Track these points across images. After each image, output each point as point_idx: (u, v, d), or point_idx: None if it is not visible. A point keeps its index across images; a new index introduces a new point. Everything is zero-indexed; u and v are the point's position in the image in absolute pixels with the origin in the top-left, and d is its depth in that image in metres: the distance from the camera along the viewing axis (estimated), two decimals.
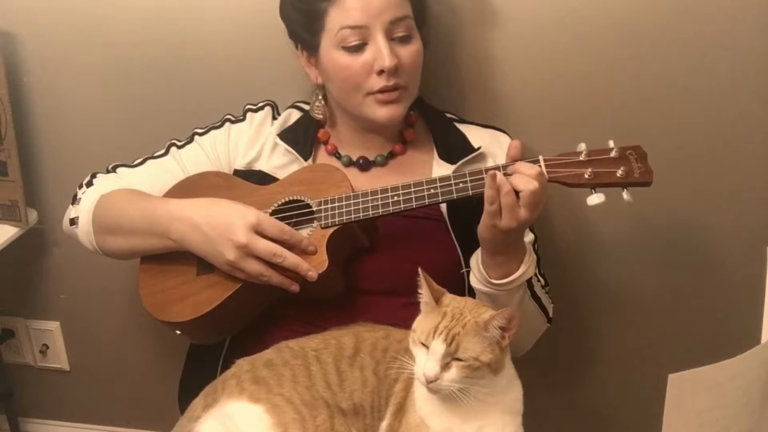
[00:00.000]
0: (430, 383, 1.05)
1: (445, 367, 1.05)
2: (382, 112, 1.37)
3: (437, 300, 1.12)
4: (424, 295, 1.12)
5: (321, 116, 1.46)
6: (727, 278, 1.63)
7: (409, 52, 1.35)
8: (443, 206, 1.41)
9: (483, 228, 1.25)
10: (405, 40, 1.35)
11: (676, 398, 0.81)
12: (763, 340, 1.06)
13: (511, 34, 1.54)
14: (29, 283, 1.98)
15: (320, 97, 1.46)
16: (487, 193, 1.20)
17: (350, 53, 1.34)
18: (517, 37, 1.54)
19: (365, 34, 1.32)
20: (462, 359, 1.05)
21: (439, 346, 1.05)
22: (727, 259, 1.62)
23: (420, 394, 1.12)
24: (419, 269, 1.12)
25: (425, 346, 1.07)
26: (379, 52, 1.32)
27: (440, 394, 1.07)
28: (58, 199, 1.74)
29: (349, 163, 1.47)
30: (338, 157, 1.47)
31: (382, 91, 1.34)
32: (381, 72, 1.33)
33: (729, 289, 1.63)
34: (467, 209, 1.31)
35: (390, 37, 1.33)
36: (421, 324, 1.10)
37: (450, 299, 1.12)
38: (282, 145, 1.46)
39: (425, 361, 1.06)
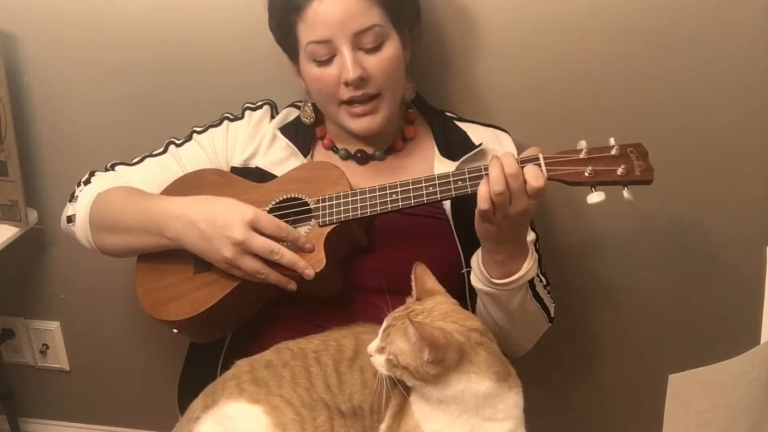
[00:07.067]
0: (369, 356, 1.11)
1: (381, 350, 1.10)
2: (356, 125, 1.37)
3: (419, 298, 1.15)
4: (414, 289, 1.16)
5: (308, 122, 1.47)
6: (727, 278, 1.63)
7: (379, 60, 1.34)
8: (446, 204, 1.41)
9: (476, 224, 1.25)
10: (374, 48, 1.33)
11: (676, 398, 0.81)
12: (763, 340, 1.06)
13: (512, 32, 1.54)
14: (29, 283, 1.98)
15: (309, 104, 1.47)
16: (493, 173, 1.17)
17: (320, 66, 1.34)
18: (517, 35, 1.54)
19: (332, 47, 1.32)
20: (387, 351, 1.09)
21: (383, 330, 1.10)
22: (727, 259, 1.61)
23: (414, 398, 1.12)
24: (418, 264, 1.15)
25: None
26: (344, 64, 1.32)
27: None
28: (58, 199, 1.73)
29: (347, 156, 1.47)
30: (335, 150, 1.48)
31: (351, 101, 1.35)
32: (348, 84, 1.33)
33: (729, 289, 1.63)
34: (471, 208, 1.29)
35: (358, 47, 1.33)
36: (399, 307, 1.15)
37: (436, 301, 1.14)
38: (282, 139, 1.46)
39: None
